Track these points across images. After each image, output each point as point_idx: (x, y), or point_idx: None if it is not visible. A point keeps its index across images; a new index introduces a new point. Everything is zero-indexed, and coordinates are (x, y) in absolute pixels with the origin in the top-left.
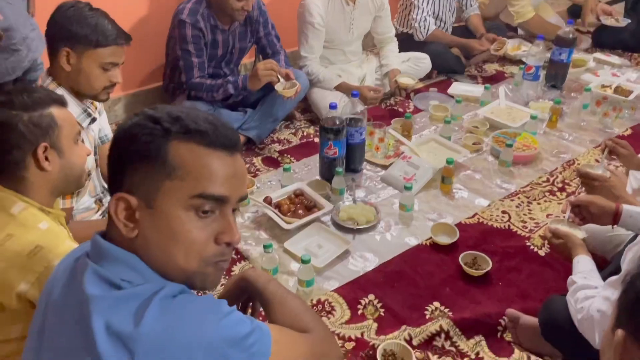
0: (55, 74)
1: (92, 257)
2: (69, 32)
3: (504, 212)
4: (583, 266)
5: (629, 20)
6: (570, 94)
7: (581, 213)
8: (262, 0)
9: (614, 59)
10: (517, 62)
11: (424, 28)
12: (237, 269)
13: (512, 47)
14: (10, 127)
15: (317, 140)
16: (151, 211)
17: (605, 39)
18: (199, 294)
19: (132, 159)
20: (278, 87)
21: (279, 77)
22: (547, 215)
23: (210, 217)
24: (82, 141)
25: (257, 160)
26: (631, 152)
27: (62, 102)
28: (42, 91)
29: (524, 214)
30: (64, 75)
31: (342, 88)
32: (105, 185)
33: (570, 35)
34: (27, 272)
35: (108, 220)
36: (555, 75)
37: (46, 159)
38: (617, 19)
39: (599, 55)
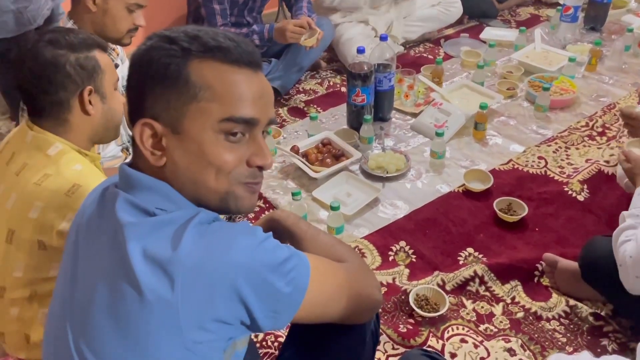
0: (77, 17)
1: (122, 187)
2: None
3: (540, 157)
4: None
5: None
6: (610, 36)
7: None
8: None
9: None
10: (554, 4)
11: None
12: None
13: None
14: (57, 66)
15: (343, 90)
16: (179, 136)
17: None
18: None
19: (152, 84)
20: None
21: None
22: (587, 160)
23: (240, 140)
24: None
25: (283, 111)
26: None
27: (104, 47)
28: (86, 33)
29: (562, 160)
30: (88, 18)
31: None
32: (131, 133)
33: None
34: (67, 210)
35: (133, 149)
36: (595, 16)
37: (89, 102)
38: None
39: None
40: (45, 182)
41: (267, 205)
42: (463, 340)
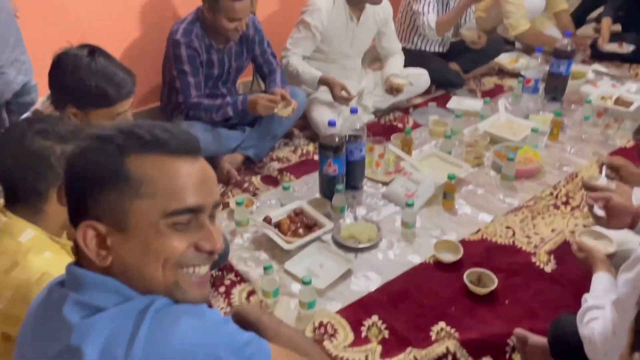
0: (61, 110)
1: (70, 287)
2: (72, 94)
3: (508, 227)
4: (600, 284)
5: (633, 47)
6: (570, 106)
7: (618, 173)
8: (257, 19)
9: (613, 70)
10: (516, 75)
11: (428, 28)
12: (236, 292)
13: (509, 60)
14: (43, 158)
15: (316, 157)
16: (124, 234)
17: (599, 51)
18: None
19: (91, 186)
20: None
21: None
22: (552, 230)
23: (187, 228)
24: None
25: (256, 179)
26: (628, 163)
27: None
28: (75, 123)
29: (529, 229)
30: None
31: (324, 81)
32: None
33: (569, 48)
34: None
35: (77, 250)
36: (555, 87)
37: None
38: (621, 44)
39: (597, 66)
40: (15, 270)
41: (239, 278)
42: None
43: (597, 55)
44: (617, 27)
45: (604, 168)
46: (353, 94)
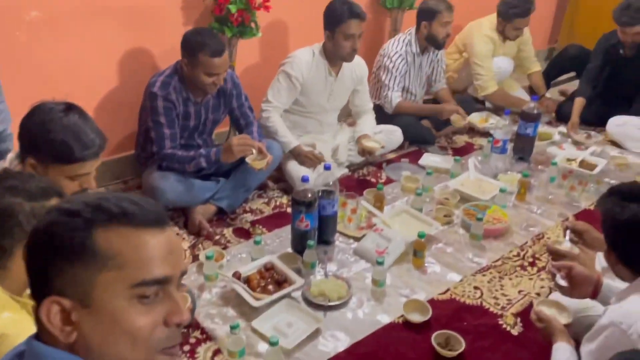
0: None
1: None
2: (36, 144)
3: (476, 287)
4: (560, 354)
5: (601, 137)
6: (537, 167)
7: (582, 238)
8: (235, 73)
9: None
10: (486, 134)
11: (389, 103)
12: (201, 351)
13: (479, 119)
14: (11, 215)
15: (289, 210)
16: (89, 309)
17: (567, 113)
18: None
19: (56, 260)
20: (248, 158)
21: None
22: (519, 292)
23: (154, 300)
24: None
25: (228, 232)
26: (591, 228)
27: (62, 195)
28: (47, 182)
29: (496, 290)
30: None
31: (296, 152)
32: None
33: (535, 111)
34: None
35: (39, 326)
36: (523, 148)
37: None
38: (589, 135)
39: (563, 129)
40: None
41: (204, 336)
42: None
43: (563, 118)
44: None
45: (568, 232)
46: (322, 157)
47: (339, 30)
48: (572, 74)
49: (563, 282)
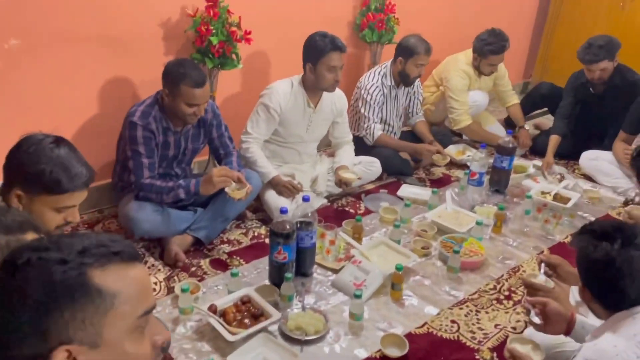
0: (6, 202)
1: None
2: (24, 174)
3: (453, 321)
4: None
5: (573, 180)
6: (513, 199)
7: (556, 271)
8: (216, 104)
9: (553, 166)
10: (463, 166)
11: (371, 135)
12: None
13: (456, 151)
14: None
15: (268, 241)
16: (98, 350)
17: (541, 147)
18: None
19: (62, 309)
20: (228, 189)
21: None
22: (495, 326)
23: (145, 328)
24: None
25: (205, 263)
26: (564, 262)
27: (39, 230)
28: (23, 216)
29: (473, 324)
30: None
31: (274, 182)
32: None
33: (510, 145)
34: None
35: None
36: (499, 180)
37: None
38: (562, 178)
39: (538, 162)
40: None
41: None
42: None
43: (537, 151)
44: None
45: (542, 265)
46: (300, 187)
47: (322, 63)
48: (545, 109)
49: (537, 320)
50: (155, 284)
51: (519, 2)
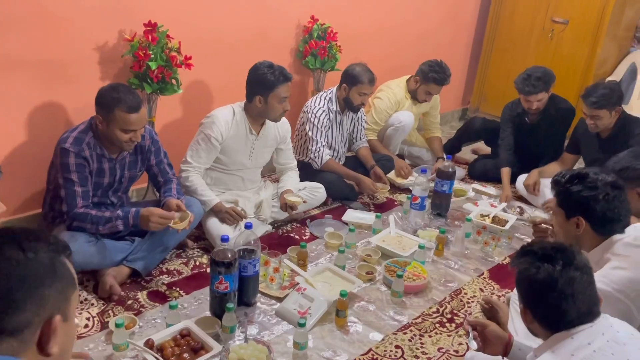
0: None
1: None
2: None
3: (397, 346)
4: None
5: (539, 213)
6: (454, 222)
7: (482, 333)
8: (154, 130)
9: (490, 189)
10: (406, 190)
11: (319, 158)
12: None
13: (400, 176)
14: None
15: (210, 270)
16: (67, 322)
17: (479, 171)
18: None
19: (54, 287)
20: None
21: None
22: (439, 349)
23: None
24: None
25: (142, 295)
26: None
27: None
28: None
29: (417, 348)
30: None
31: (217, 209)
32: None
33: (450, 169)
34: None
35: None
36: (440, 204)
37: None
38: (522, 212)
39: (477, 186)
40: None
41: None
42: None
43: (475, 175)
44: (488, 150)
45: (470, 330)
46: (244, 214)
47: (273, 95)
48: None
49: (474, 344)
50: (88, 319)
51: (456, 32)
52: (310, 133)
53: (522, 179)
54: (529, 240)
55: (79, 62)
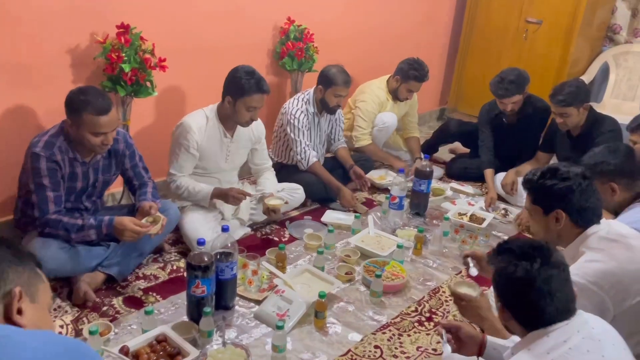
0: None
1: None
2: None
3: (376, 346)
4: None
5: (512, 217)
6: (432, 221)
7: (456, 335)
8: (129, 134)
9: (468, 188)
10: (385, 190)
11: (305, 159)
12: None
13: (378, 176)
14: None
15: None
16: (36, 305)
17: (457, 170)
18: None
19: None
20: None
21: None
22: (418, 348)
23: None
24: None
25: (118, 301)
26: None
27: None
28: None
29: (395, 348)
30: None
31: (216, 194)
32: None
33: (427, 169)
34: None
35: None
36: (418, 204)
37: None
38: (506, 214)
39: (454, 184)
40: None
41: None
42: None
43: (453, 174)
44: (465, 150)
45: (470, 260)
46: (248, 192)
47: (242, 101)
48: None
49: (448, 348)
50: (62, 327)
51: (433, 33)
52: (292, 135)
53: (500, 178)
54: (506, 237)
55: (50, 65)
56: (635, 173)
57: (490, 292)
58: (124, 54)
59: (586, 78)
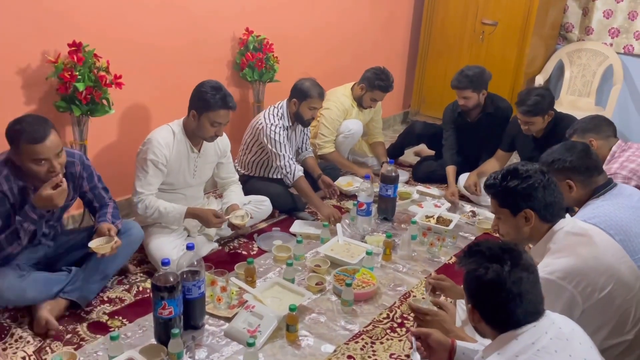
0: None
1: None
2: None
3: (349, 357)
4: None
5: (483, 218)
6: (401, 225)
7: (425, 342)
8: (85, 154)
9: (434, 190)
10: (352, 196)
11: (291, 173)
12: None
13: (345, 183)
14: None
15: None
16: None
17: (422, 173)
18: None
19: None
20: (92, 243)
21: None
22: (391, 355)
23: None
24: None
25: (82, 328)
26: (452, 283)
27: None
28: None
29: (369, 357)
30: None
31: (190, 215)
32: None
33: (393, 174)
34: None
35: None
36: (385, 209)
37: None
38: (474, 215)
39: (420, 187)
40: None
41: None
42: None
43: (419, 177)
44: (430, 152)
45: (429, 290)
46: (225, 217)
47: (207, 116)
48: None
49: (417, 355)
50: (24, 358)
51: (393, 38)
52: (274, 149)
53: (463, 178)
54: (473, 238)
55: (0, 87)
56: (592, 170)
57: (459, 302)
58: (77, 73)
59: (542, 76)
